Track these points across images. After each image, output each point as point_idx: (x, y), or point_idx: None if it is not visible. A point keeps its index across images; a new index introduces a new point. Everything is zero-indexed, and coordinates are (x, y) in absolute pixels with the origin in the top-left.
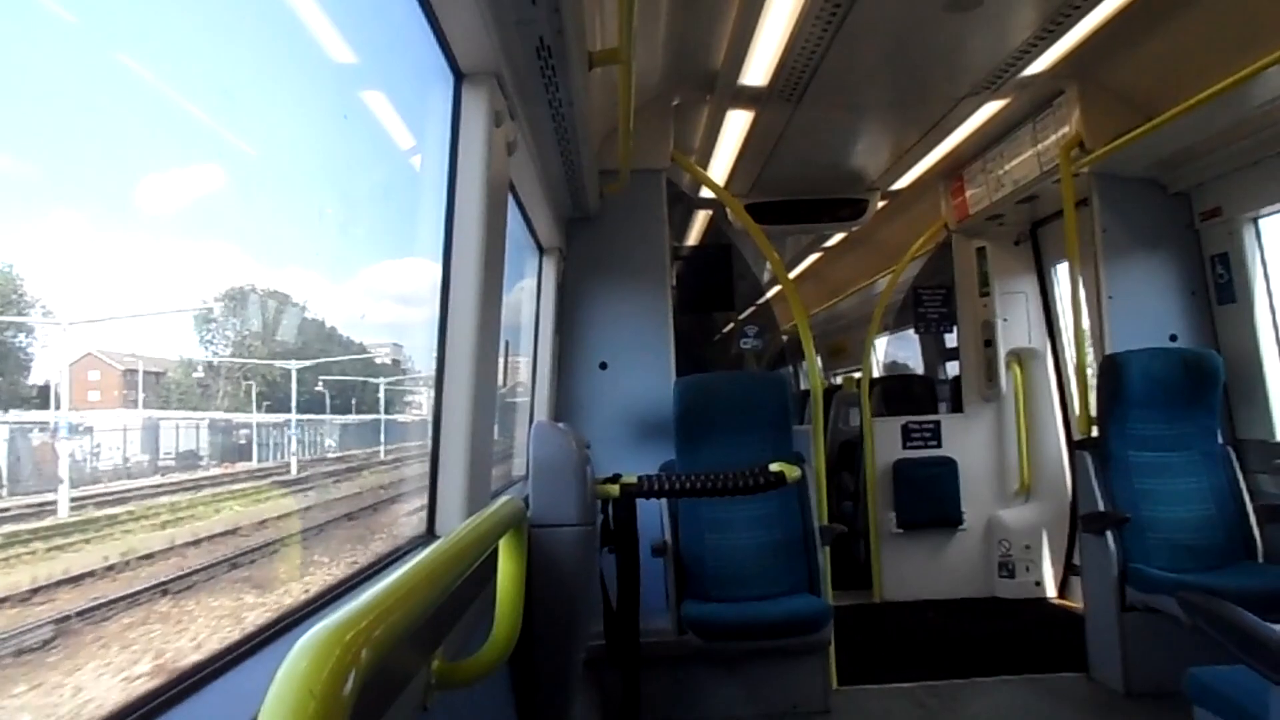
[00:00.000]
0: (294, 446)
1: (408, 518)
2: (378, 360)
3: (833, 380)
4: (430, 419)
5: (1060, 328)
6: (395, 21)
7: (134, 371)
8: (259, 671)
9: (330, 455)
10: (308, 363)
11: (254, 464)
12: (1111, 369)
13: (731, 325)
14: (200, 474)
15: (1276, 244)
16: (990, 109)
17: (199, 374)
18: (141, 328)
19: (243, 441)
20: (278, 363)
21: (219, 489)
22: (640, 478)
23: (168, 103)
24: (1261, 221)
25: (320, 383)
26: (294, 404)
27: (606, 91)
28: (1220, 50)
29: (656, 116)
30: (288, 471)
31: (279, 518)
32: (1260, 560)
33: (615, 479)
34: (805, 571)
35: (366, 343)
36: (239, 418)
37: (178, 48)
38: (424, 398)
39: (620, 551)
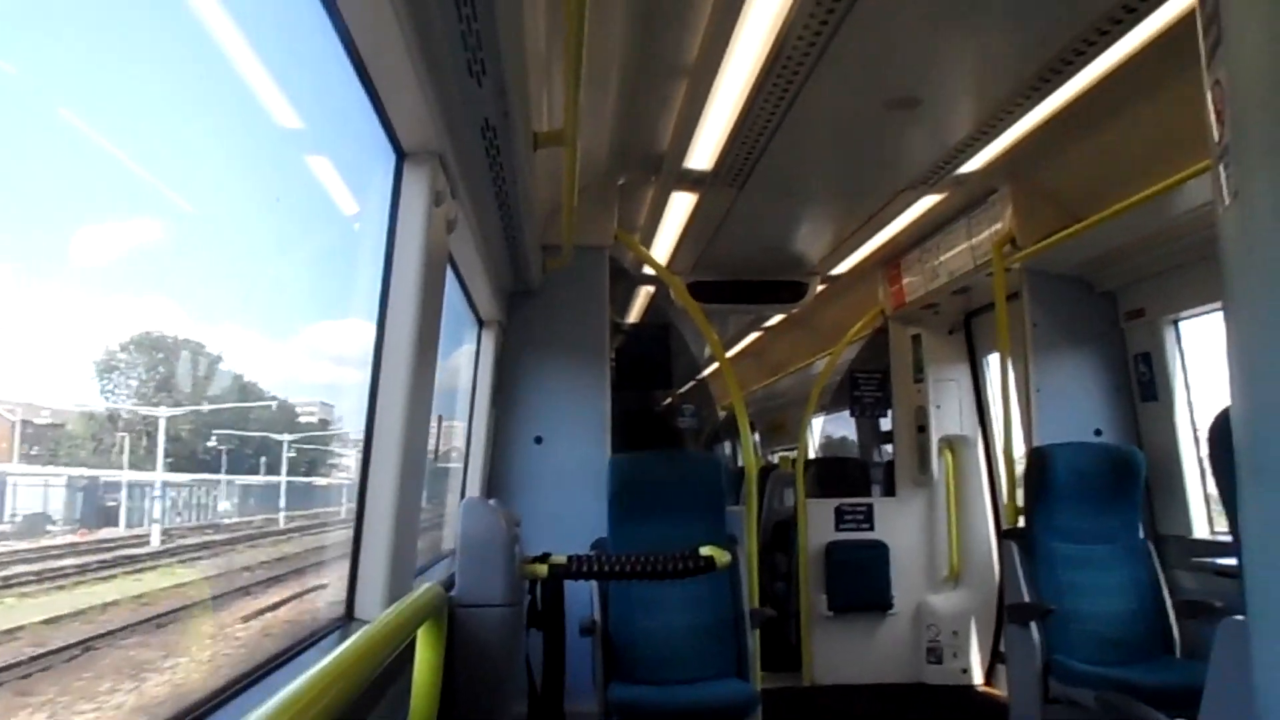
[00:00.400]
0: (157, 512)
1: (262, 619)
2: (301, 418)
3: (770, 458)
4: (355, 496)
5: (991, 417)
6: (338, 97)
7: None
8: None
9: (222, 522)
10: (179, 410)
11: (119, 531)
12: (1038, 461)
13: (669, 401)
14: (21, 545)
15: (1196, 346)
16: (928, 202)
17: (44, 420)
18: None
19: (111, 504)
20: (143, 409)
21: (24, 567)
22: (570, 558)
23: (104, 153)
24: (1182, 324)
25: (217, 437)
26: (160, 459)
27: (552, 168)
28: (1146, 159)
29: (601, 195)
30: (146, 543)
31: (45, 622)
32: (1178, 655)
33: (544, 558)
34: (734, 654)
35: (294, 400)
36: (111, 475)
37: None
38: (353, 460)
39: (547, 633)
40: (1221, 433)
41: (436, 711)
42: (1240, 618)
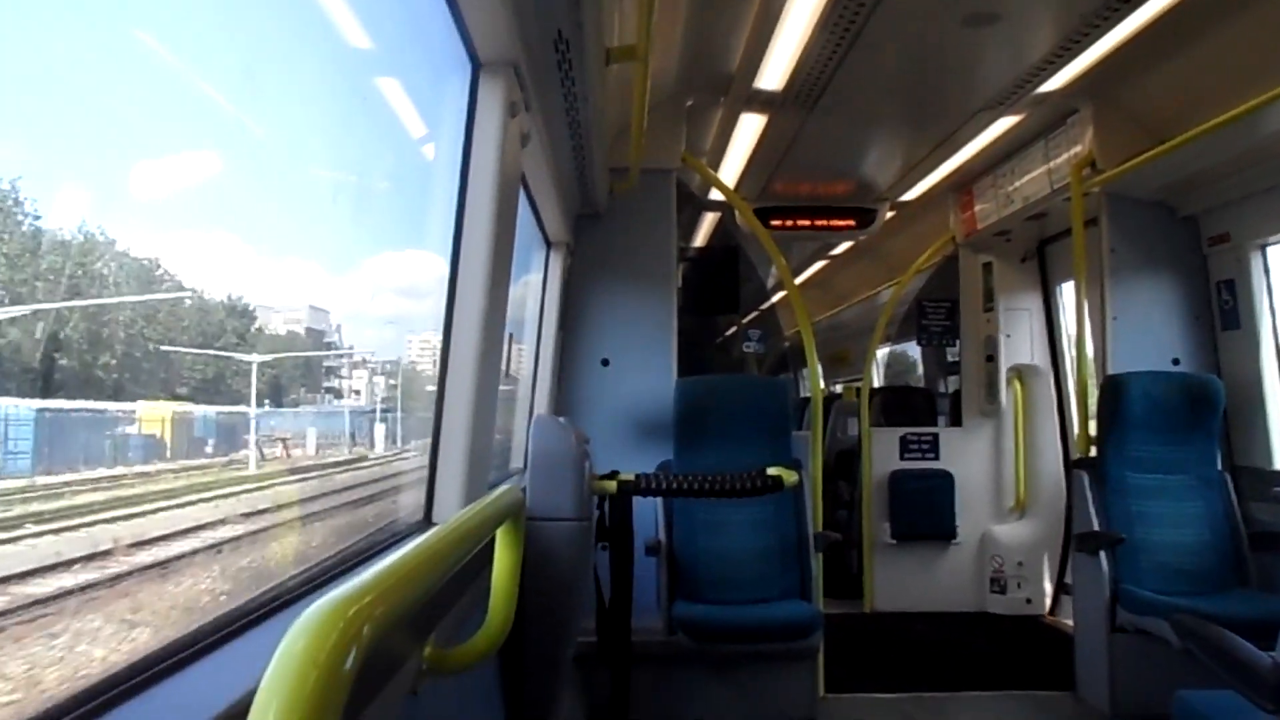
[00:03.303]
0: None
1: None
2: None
3: (833, 388)
4: (433, 407)
5: (1063, 346)
6: (415, 8)
7: None
8: (260, 642)
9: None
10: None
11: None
12: (1113, 390)
13: (735, 328)
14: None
15: None
16: (1003, 124)
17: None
18: None
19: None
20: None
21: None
22: (638, 476)
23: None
24: (1270, 249)
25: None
26: (254, 397)
27: (621, 88)
28: (1236, 76)
29: (669, 116)
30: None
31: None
32: (1252, 587)
33: (613, 476)
34: (798, 577)
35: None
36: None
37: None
38: (350, 383)
39: (615, 548)
40: None
41: (514, 611)
42: None
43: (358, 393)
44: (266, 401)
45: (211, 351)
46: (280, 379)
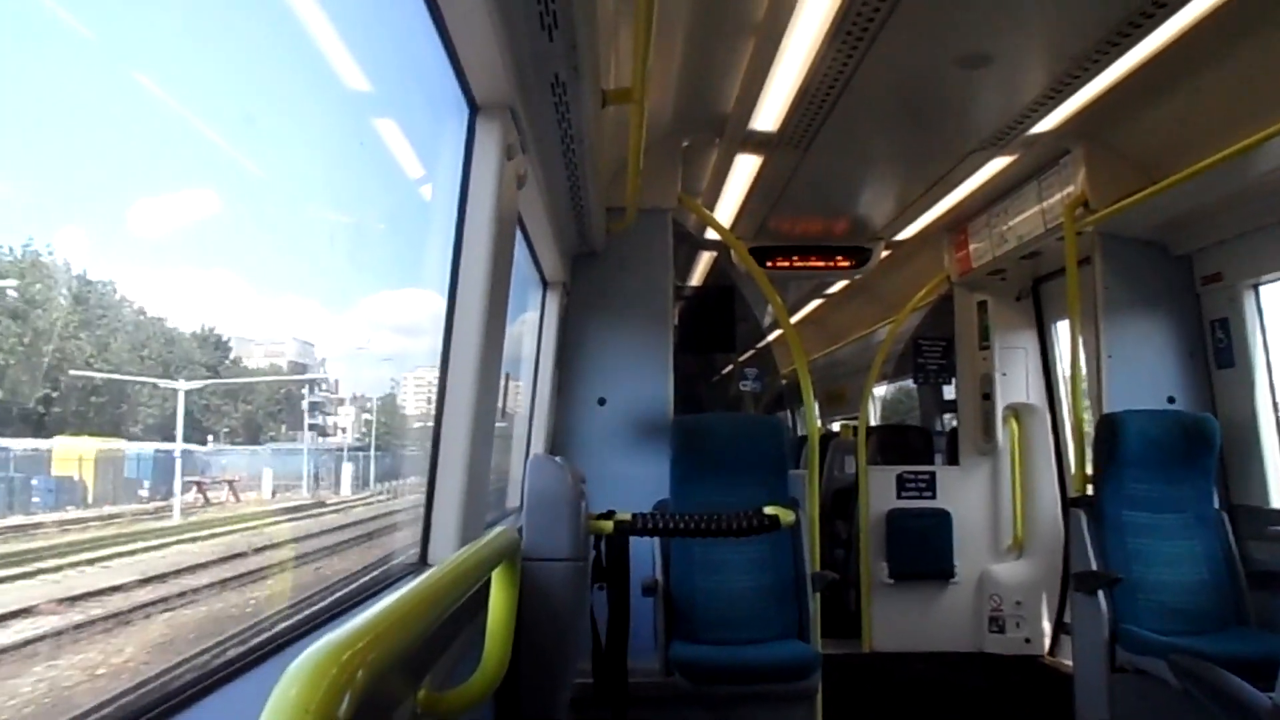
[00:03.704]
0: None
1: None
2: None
3: (830, 427)
4: (429, 447)
5: (1059, 385)
6: (413, 52)
7: None
8: (251, 690)
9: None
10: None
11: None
12: (1108, 428)
13: (731, 367)
14: None
15: (1276, 311)
16: (997, 165)
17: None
18: None
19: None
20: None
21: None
22: (635, 515)
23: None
24: (1262, 288)
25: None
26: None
27: (617, 130)
28: (1227, 117)
29: (665, 157)
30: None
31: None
32: (1251, 626)
33: (609, 515)
34: (795, 617)
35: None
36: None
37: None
38: (341, 419)
39: (611, 589)
40: None
41: (510, 653)
42: None
43: (344, 430)
44: (210, 438)
45: (127, 377)
46: (256, 415)
